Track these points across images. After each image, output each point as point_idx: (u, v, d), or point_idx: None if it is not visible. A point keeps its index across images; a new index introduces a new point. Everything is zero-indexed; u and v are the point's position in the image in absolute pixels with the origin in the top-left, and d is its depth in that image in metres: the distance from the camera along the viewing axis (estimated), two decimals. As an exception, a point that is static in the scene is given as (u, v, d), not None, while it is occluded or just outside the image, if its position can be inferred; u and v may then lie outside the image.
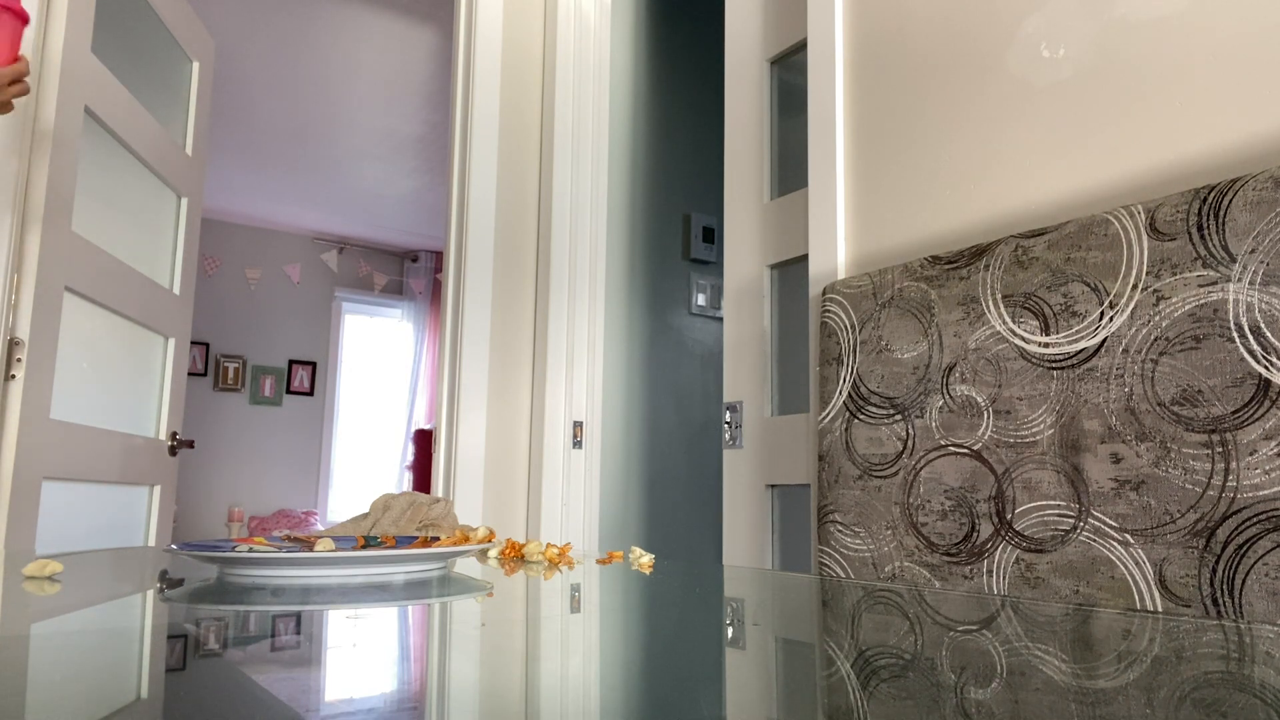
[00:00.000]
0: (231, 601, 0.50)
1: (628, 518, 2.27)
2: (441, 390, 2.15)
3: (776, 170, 1.62)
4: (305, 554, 0.62)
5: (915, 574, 1.05)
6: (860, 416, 1.15)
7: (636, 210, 2.38)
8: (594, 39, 2.25)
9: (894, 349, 1.12)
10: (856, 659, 0.35)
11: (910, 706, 0.27)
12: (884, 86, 1.32)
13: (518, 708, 0.27)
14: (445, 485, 2.11)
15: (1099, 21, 1.06)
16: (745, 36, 1.67)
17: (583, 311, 2.18)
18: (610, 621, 0.46)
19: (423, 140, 4.97)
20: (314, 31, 3.83)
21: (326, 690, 0.29)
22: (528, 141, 2.25)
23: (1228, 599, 0.79)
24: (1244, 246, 0.81)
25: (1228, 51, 0.94)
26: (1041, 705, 0.28)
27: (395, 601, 0.50)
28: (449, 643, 0.38)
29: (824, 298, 1.24)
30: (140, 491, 2.28)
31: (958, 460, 1.02)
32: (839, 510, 1.16)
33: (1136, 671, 0.34)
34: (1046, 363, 0.95)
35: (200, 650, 0.36)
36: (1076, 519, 0.90)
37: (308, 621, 0.43)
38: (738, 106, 1.67)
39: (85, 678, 0.30)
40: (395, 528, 1.07)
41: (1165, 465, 0.84)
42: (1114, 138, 1.03)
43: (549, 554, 0.76)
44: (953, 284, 1.06)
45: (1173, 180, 0.97)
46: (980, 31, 1.19)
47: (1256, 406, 0.79)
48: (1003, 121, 1.15)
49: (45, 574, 0.58)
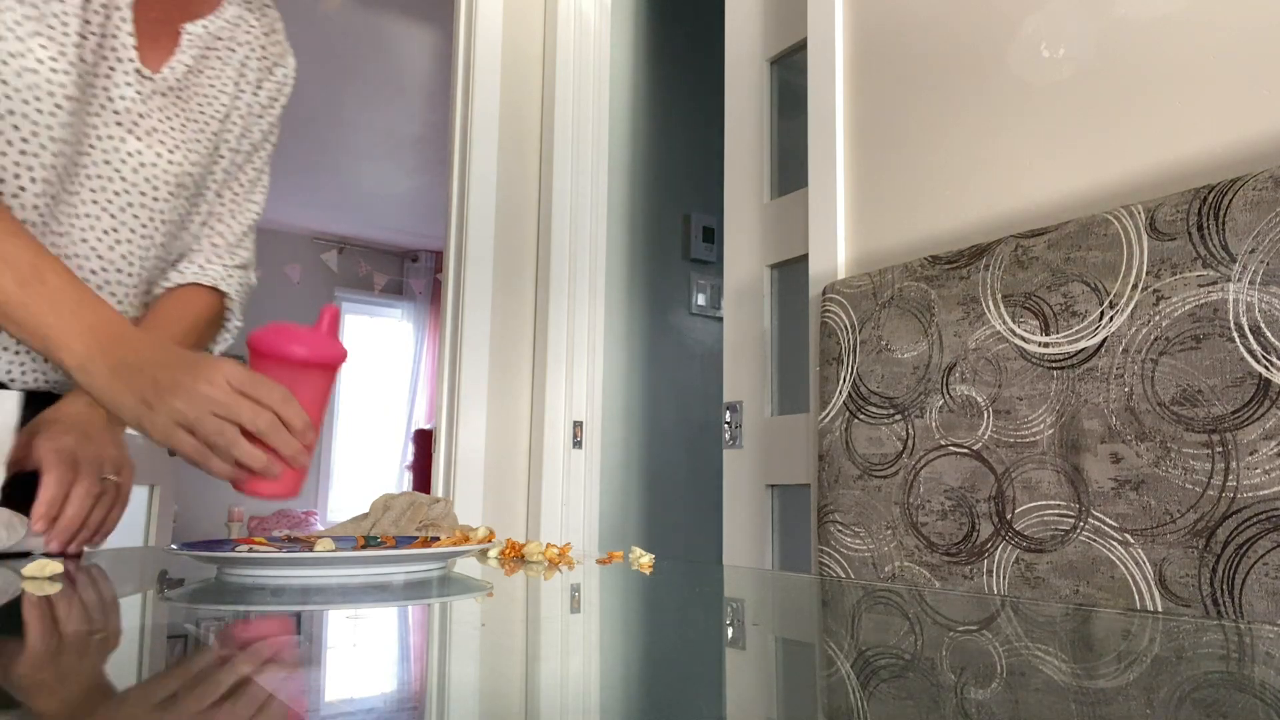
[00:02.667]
0: (231, 601, 0.50)
1: (628, 518, 2.27)
2: (441, 390, 2.15)
3: (776, 170, 1.62)
4: (305, 554, 0.62)
5: (915, 574, 1.05)
6: (860, 416, 1.15)
7: (636, 210, 2.38)
8: (594, 39, 2.25)
9: (894, 349, 1.12)
10: (856, 659, 0.35)
11: (910, 706, 0.27)
12: (884, 86, 1.32)
13: (518, 708, 0.27)
14: (445, 485, 2.11)
15: (1099, 21, 1.06)
16: (745, 36, 1.67)
17: (583, 311, 2.18)
18: (610, 621, 0.46)
19: (423, 140, 4.97)
20: (314, 31, 3.83)
21: (326, 690, 0.29)
22: (528, 141, 2.25)
23: (1228, 599, 0.79)
24: (1244, 246, 0.81)
25: (1227, 51, 0.94)
26: (1041, 705, 0.28)
27: (395, 601, 0.50)
28: (449, 643, 0.38)
29: (824, 298, 1.24)
30: (140, 491, 2.28)
31: (958, 460, 1.02)
32: (839, 510, 1.16)
33: (1136, 671, 0.34)
34: (1046, 362, 0.95)
35: (200, 650, 0.36)
36: (1076, 519, 0.90)
37: (308, 621, 0.43)
38: (738, 106, 1.67)
39: (85, 678, 0.30)
40: (395, 528, 1.07)
41: (1165, 465, 0.84)
42: (1114, 138, 1.03)
43: (549, 554, 0.76)
44: (953, 284, 1.06)
45: (1173, 180, 0.97)
46: (980, 31, 1.19)
47: (1256, 406, 0.79)
48: (1003, 121, 1.15)
49: (45, 574, 0.58)
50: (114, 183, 0.91)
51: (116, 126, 0.91)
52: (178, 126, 0.97)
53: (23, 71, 0.82)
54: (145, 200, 0.94)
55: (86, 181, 0.90)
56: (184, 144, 0.97)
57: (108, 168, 0.91)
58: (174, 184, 0.96)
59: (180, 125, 0.97)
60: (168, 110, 0.96)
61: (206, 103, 1.00)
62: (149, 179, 0.94)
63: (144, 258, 0.96)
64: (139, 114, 0.93)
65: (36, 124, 0.84)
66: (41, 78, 0.83)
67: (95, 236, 0.91)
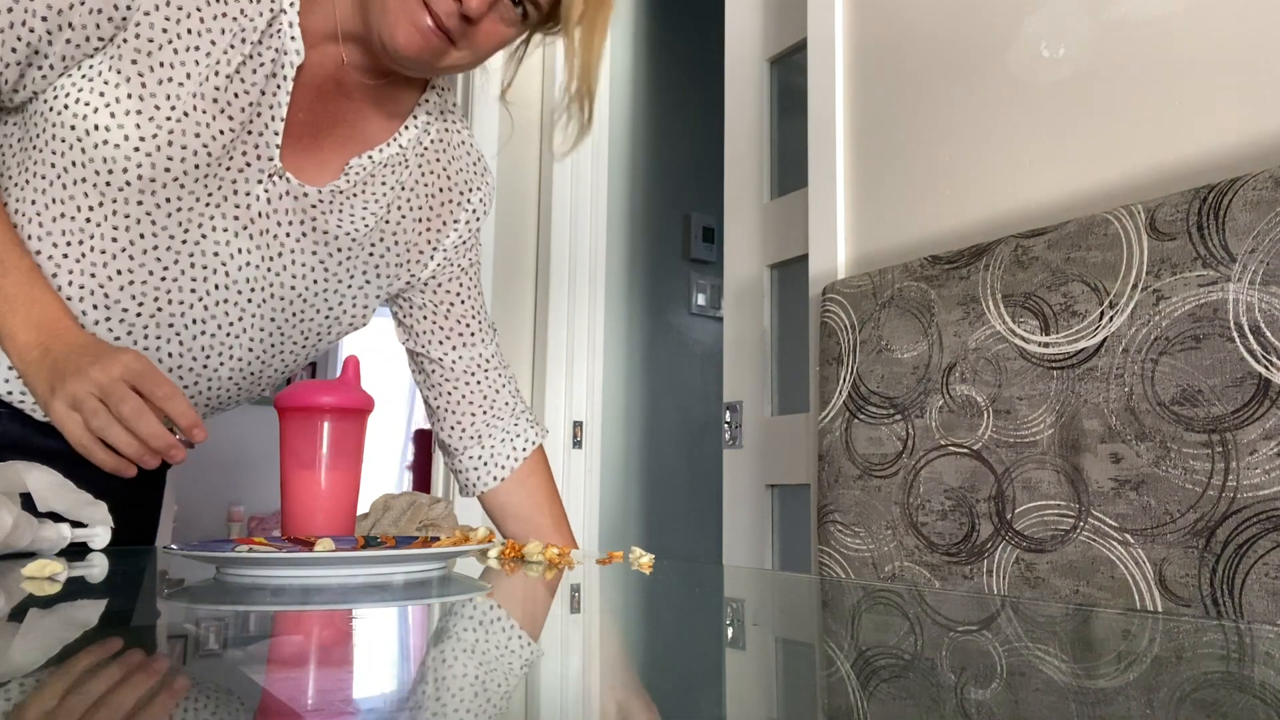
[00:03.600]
0: (231, 601, 0.50)
1: (628, 518, 2.27)
2: (441, 390, 2.15)
3: (776, 170, 1.62)
4: (305, 554, 0.62)
5: (915, 574, 1.05)
6: (860, 416, 1.15)
7: (636, 210, 2.38)
8: (594, 39, 2.25)
9: (894, 349, 1.12)
10: (856, 659, 0.35)
11: (910, 706, 0.27)
12: (884, 86, 1.32)
13: (518, 708, 0.27)
14: (445, 485, 2.11)
15: (1099, 21, 1.06)
16: (745, 36, 1.67)
17: (583, 311, 2.18)
18: (610, 621, 0.46)
19: (423, 140, 4.96)
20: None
21: (327, 690, 0.29)
22: (528, 141, 2.25)
23: (1228, 599, 0.79)
24: (1244, 246, 0.81)
25: (1228, 51, 0.94)
26: (1041, 705, 0.28)
27: (395, 601, 0.50)
28: (449, 643, 0.38)
29: (824, 297, 1.24)
30: (140, 491, 2.27)
31: (958, 460, 1.02)
32: (839, 510, 1.16)
33: (1136, 671, 0.34)
34: (1046, 362, 0.95)
35: (200, 650, 0.36)
36: (1076, 519, 0.90)
37: (308, 622, 0.43)
38: (738, 106, 1.67)
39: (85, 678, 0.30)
40: (395, 528, 1.07)
41: (1165, 465, 0.84)
42: (1114, 138, 1.03)
43: (549, 554, 0.76)
44: (953, 284, 1.06)
45: (1173, 180, 0.97)
46: (980, 31, 1.19)
47: (1256, 406, 0.79)
48: (1003, 121, 1.15)
49: (45, 574, 0.58)
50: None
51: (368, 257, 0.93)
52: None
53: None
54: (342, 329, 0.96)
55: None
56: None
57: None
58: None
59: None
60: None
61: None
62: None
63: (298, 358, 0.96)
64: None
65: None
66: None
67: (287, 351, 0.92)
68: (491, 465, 1.02)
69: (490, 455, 1.02)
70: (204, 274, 0.84)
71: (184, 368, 0.86)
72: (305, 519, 0.79)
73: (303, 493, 0.80)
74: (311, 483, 0.80)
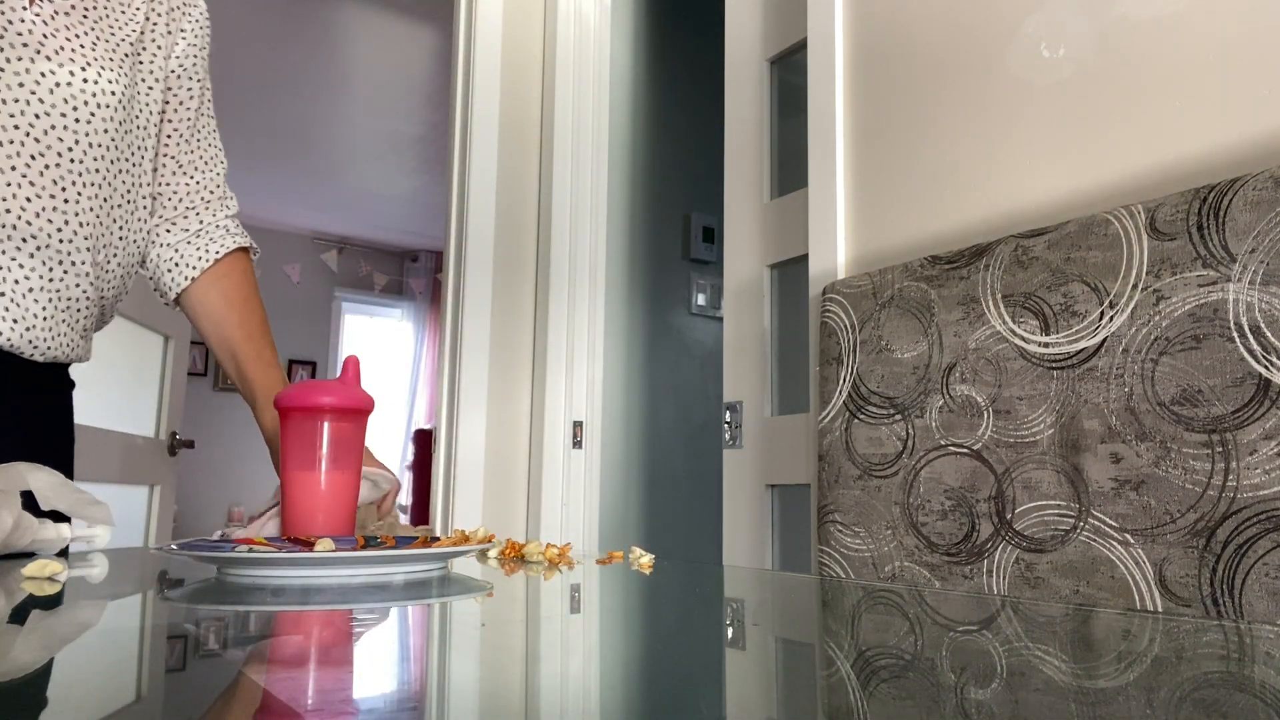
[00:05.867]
0: (231, 601, 0.50)
1: (628, 518, 2.27)
2: (441, 390, 2.15)
3: (776, 170, 1.62)
4: (305, 554, 0.62)
5: (915, 574, 1.05)
6: (860, 416, 1.15)
7: (636, 210, 2.38)
8: (594, 39, 2.25)
9: (894, 349, 1.12)
10: (856, 659, 0.35)
11: (910, 706, 0.27)
12: (884, 86, 1.32)
13: (518, 708, 0.27)
14: (445, 485, 2.11)
15: (1099, 21, 1.06)
16: (745, 36, 1.67)
17: (583, 311, 2.18)
18: (610, 621, 0.46)
19: (423, 140, 4.97)
20: (314, 31, 3.83)
21: (327, 690, 0.29)
22: (528, 141, 2.25)
23: (1228, 599, 0.79)
24: (1244, 246, 0.81)
25: (1228, 51, 0.94)
26: (1041, 705, 0.28)
27: (395, 601, 0.50)
28: (449, 643, 0.38)
29: (824, 298, 1.24)
30: (140, 491, 2.28)
31: (958, 460, 1.02)
32: (839, 510, 1.16)
33: (1136, 671, 0.34)
34: (1046, 362, 0.95)
35: (200, 650, 0.36)
36: (1076, 519, 0.90)
37: (308, 621, 0.43)
38: (738, 106, 1.67)
39: (85, 678, 0.30)
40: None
41: (1165, 465, 0.84)
42: (1114, 138, 1.03)
43: (549, 554, 0.76)
44: (953, 284, 1.06)
45: (1173, 180, 0.97)
46: (980, 31, 1.19)
47: (1256, 406, 0.79)
48: (1003, 121, 1.15)
49: (45, 574, 0.58)
50: (31, 105, 0.88)
51: (23, 49, 0.88)
52: (88, 45, 0.93)
53: None
54: (67, 121, 0.91)
55: (2, 108, 0.86)
56: (97, 61, 0.93)
57: (22, 90, 0.88)
58: (94, 103, 0.92)
59: (90, 44, 0.93)
60: (74, 30, 0.92)
61: (116, 25, 0.96)
62: (67, 99, 0.90)
63: (82, 191, 0.92)
64: (43, 35, 0.89)
65: None
66: None
67: (23, 163, 0.88)
68: (183, 265, 1.04)
69: (181, 256, 1.04)
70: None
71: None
72: (305, 519, 0.79)
73: (303, 493, 0.80)
74: (311, 483, 0.80)
